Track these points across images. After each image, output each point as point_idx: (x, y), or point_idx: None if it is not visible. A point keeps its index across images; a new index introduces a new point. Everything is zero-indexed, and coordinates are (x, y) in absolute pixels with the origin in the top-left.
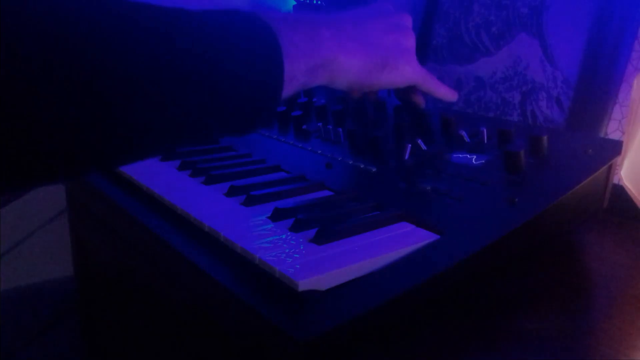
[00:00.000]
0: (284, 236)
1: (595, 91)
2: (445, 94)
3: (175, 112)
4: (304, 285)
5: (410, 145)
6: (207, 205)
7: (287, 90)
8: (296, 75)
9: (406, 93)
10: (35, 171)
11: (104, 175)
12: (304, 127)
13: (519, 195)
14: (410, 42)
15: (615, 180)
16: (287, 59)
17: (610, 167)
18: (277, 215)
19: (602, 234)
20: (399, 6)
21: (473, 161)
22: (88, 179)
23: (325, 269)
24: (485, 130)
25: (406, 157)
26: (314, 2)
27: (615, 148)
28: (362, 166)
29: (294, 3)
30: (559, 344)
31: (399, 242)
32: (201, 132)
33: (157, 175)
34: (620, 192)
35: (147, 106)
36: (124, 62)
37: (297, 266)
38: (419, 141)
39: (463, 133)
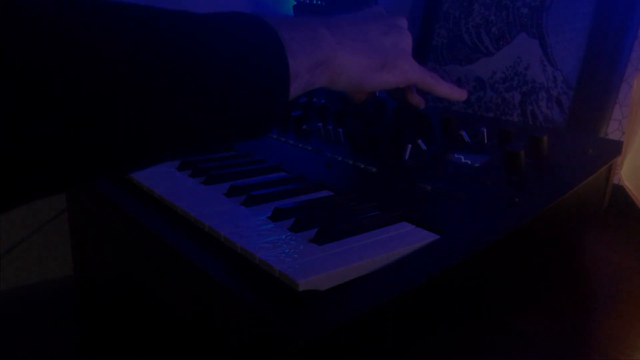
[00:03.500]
0: (284, 236)
1: (595, 91)
2: (451, 92)
3: (184, 118)
4: (304, 285)
5: (410, 145)
6: (207, 205)
7: (294, 88)
8: (300, 72)
9: (401, 94)
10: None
11: None
12: (304, 127)
13: (519, 195)
14: (407, 42)
15: (615, 180)
16: (290, 55)
17: (610, 167)
18: (277, 215)
19: (602, 234)
20: (400, 6)
21: (473, 161)
22: None
23: (325, 269)
24: (485, 130)
25: (406, 157)
26: (314, 2)
27: (615, 148)
28: (362, 166)
29: (294, 3)
30: (559, 344)
31: (399, 242)
32: (211, 137)
33: (157, 175)
34: (620, 192)
35: (154, 111)
36: (129, 66)
37: (297, 266)
38: (419, 141)
39: (463, 133)
